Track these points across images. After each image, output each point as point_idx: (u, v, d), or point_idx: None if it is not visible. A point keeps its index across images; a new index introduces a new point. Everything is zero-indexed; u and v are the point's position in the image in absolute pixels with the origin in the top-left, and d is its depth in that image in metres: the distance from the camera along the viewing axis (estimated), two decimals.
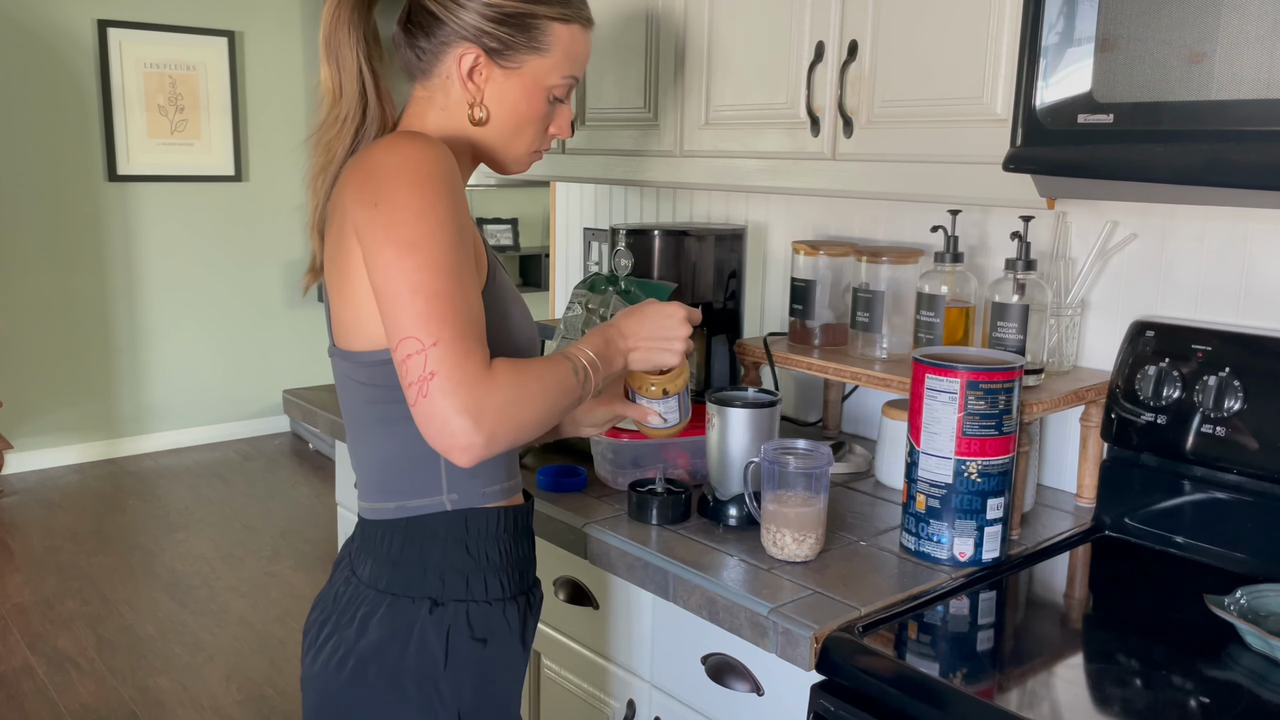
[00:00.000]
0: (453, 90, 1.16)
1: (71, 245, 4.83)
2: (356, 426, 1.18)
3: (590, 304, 1.80)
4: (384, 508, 1.17)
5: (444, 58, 1.15)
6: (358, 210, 1.05)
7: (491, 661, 1.16)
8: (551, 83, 1.18)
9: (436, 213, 1.02)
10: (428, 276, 1.00)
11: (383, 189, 1.03)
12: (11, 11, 4.55)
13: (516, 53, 1.15)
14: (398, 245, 1.01)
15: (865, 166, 1.51)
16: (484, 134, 1.18)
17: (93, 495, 4.54)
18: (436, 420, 0.99)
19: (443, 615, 1.13)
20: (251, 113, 5.23)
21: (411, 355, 0.99)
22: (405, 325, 1.00)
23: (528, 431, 1.05)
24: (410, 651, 1.12)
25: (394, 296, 1.01)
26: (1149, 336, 1.44)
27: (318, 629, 1.20)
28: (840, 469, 1.71)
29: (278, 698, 2.90)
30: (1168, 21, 1.07)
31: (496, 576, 1.17)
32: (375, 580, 1.16)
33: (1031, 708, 1.04)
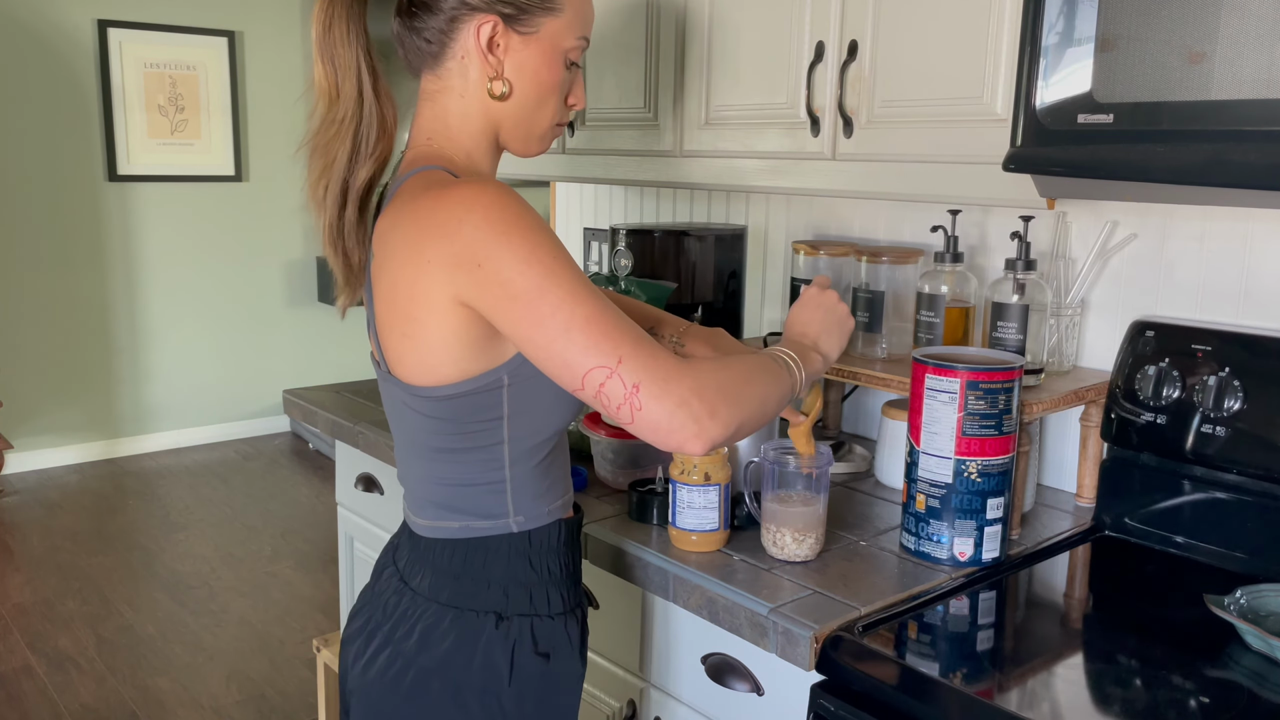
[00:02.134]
0: (470, 71, 1.10)
1: (71, 245, 4.83)
2: (413, 449, 1.15)
3: None
4: (447, 526, 1.15)
5: (458, 34, 1.09)
6: (458, 275, 1.00)
7: (553, 676, 1.15)
8: (568, 44, 1.13)
9: (541, 252, 0.99)
10: (569, 310, 0.99)
11: (479, 249, 0.99)
12: (11, 11, 4.55)
13: (532, 15, 1.10)
14: (527, 297, 0.98)
15: (865, 166, 1.51)
16: (507, 111, 1.12)
17: (93, 495, 4.54)
18: (661, 426, 0.99)
19: (508, 630, 1.12)
20: (251, 113, 5.23)
21: (605, 383, 0.98)
22: (581, 362, 0.98)
23: (749, 409, 1.04)
24: (475, 665, 1.11)
25: (549, 345, 0.99)
26: (1149, 336, 1.44)
27: (365, 639, 1.18)
28: (840, 469, 1.71)
29: (278, 698, 2.90)
30: (1168, 21, 1.07)
31: (557, 590, 1.16)
32: (436, 593, 1.14)
33: (1031, 708, 1.04)
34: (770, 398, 1.08)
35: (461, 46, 1.10)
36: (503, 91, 1.11)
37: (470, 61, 1.10)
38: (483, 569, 1.13)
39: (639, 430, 1.00)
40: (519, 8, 1.09)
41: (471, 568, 1.13)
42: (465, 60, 1.10)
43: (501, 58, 1.10)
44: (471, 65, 1.10)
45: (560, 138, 2.02)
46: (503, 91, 1.11)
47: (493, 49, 1.10)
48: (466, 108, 1.12)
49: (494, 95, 1.10)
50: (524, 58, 1.11)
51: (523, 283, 0.98)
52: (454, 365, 1.05)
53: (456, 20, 1.09)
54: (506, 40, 1.10)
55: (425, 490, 1.16)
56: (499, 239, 0.99)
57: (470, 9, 1.08)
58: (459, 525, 1.14)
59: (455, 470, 1.12)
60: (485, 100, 1.11)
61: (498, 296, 0.99)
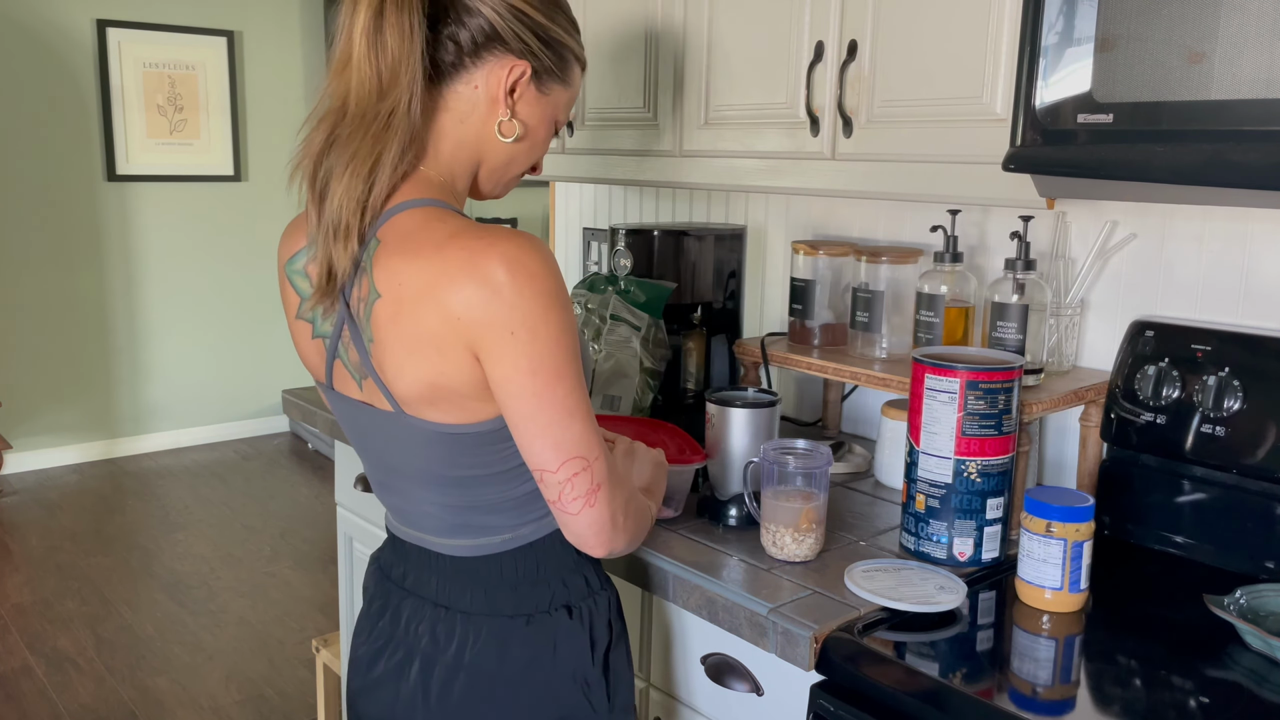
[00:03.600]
0: (479, 101, 1.09)
1: (71, 245, 4.83)
2: (424, 480, 1.13)
3: (590, 304, 1.80)
4: (489, 542, 1.15)
5: (482, 63, 1.07)
6: (487, 334, 0.98)
7: (620, 643, 1.22)
8: (560, 115, 1.18)
9: (570, 333, 1.02)
10: (577, 399, 1.04)
11: (516, 314, 0.98)
12: (11, 11, 4.55)
13: (551, 80, 1.13)
14: (546, 375, 1.01)
15: (865, 166, 1.51)
16: (496, 152, 1.13)
17: (92, 495, 4.54)
18: (597, 525, 1.07)
19: (581, 617, 1.17)
20: (251, 113, 5.23)
21: (579, 473, 1.04)
22: (568, 447, 1.03)
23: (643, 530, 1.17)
24: (561, 660, 1.15)
25: (549, 423, 1.02)
26: (1148, 336, 1.44)
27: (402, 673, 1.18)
28: (840, 469, 1.71)
29: (277, 698, 2.90)
30: (1167, 21, 1.07)
31: (593, 566, 1.22)
32: (499, 608, 1.15)
33: (1031, 708, 1.04)
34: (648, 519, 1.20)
35: (481, 76, 1.08)
36: (514, 134, 1.11)
37: (483, 94, 1.09)
38: (536, 571, 1.16)
39: (576, 523, 1.07)
40: (548, 69, 1.12)
41: (527, 574, 1.16)
42: (478, 90, 1.08)
43: (516, 102, 1.10)
44: (483, 98, 1.09)
45: (560, 137, 2.02)
46: (514, 134, 1.11)
47: (513, 93, 1.10)
48: (463, 134, 1.10)
49: (502, 134, 1.10)
50: (531, 111, 1.13)
51: (549, 360, 1.00)
52: (479, 404, 1.05)
53: (487, 49, 1.07)
54: (526, 91, 1.11)
55: (448, 516, 1.15)
56: (539, 312, 0.99)
57: (508, 48, 1.08)
58: (501, 539, 1.15)
59: (480, 494, 1.12)
60: (480, 133, 1.11)
61: (519, 367, 1.00)
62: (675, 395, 1.83)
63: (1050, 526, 1.22)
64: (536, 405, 1.01)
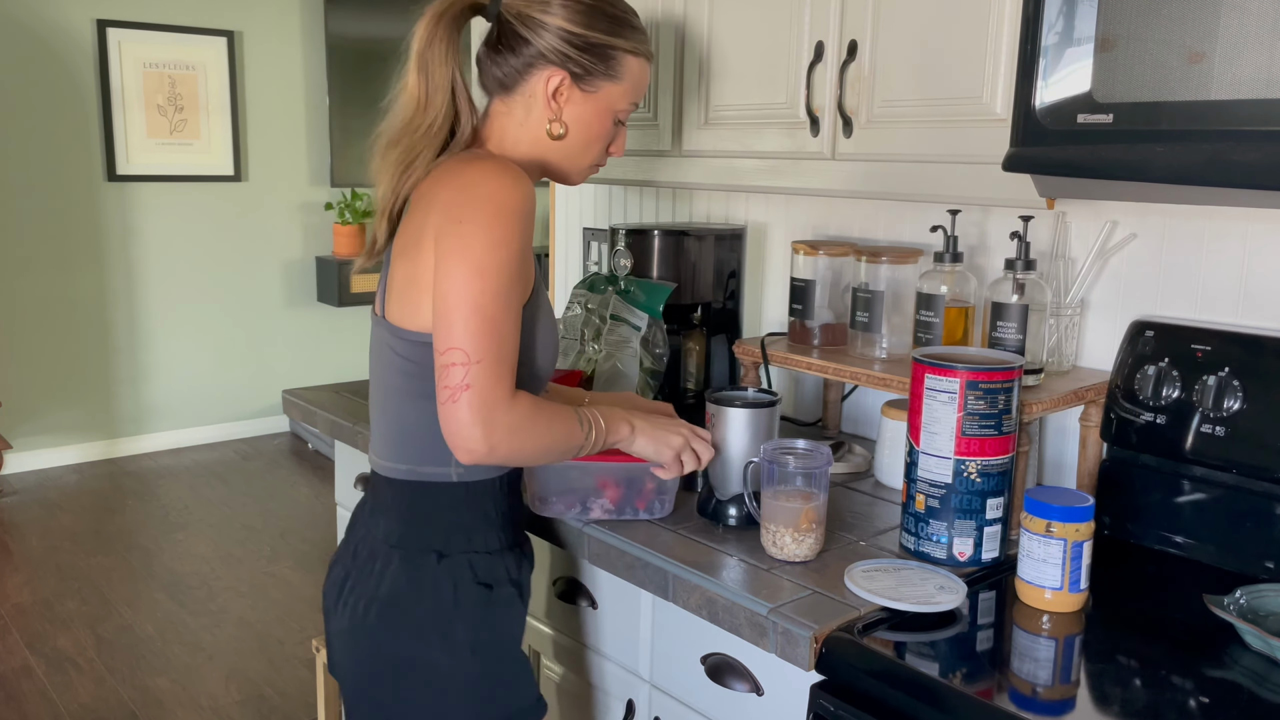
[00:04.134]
0: (534, 107, 1.28)
1: (71, 245, 4.83)
2: (384, 390, 1.31)
3: (590, 304, 1.81)
4: (398, 468, 1.30)
5: (530, 77, 1.27)
6: (443, 220, 1.18)
7: (495, 603, 1.30)
8: (620, 107, 1.33)
9: (510, 246, 1.17)
10: (488, 301, 1.15)
11: (469, 209, 1.16)
12: (11, 11, 4.55)
13: (595, 79, 1.29)
14: (470, 266, 1.15)
15: (865, 166, 1.51)
16: (556, 148, 1.31)
17: (92, 495, 4.54)
18: (456, 424, 1.16)
19: (449, 565, 1.27)
20: (251, 113, 5.23)
21: (455, 365, 1.15)
22: (457, 337, 1.15)
23: (525, 458, 1.24)
24: (425, 597, 1.27)
25: (454, 309, 1.15)
26: (1148, 336, 1.44)
27: (339, 587, 1.34)
28: (840, 469, 1.71)
29: (277, 698, 2.90)
30: (1167, 21, 1.07)
31: (494, 530, 1.31)
32: (389, 536, 1.30)
33: (1031, 708, 1.04)
34: (553, 454, 1.27)
35: (531, 88, 1.28)
36: (560, 133, 1.29)
37: (535, 102, 1.28)
38: (426, 514, 1.29)
39: (441, 415, 1.17)
40: (586, 70, 1.28)
41: (418, 513, 1.29)
42: (531, 99, 1.28)
43: (562, 105, 1.29)
44: (535, 105, 1.29)
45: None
46: (560, 133, 1.29)
47: (556, 98, 1.28)
48: (520, 135, 1.30)
49: (551, 135, 1.29)
50: (581, 110, 1.30)
51: (478, 256, 1.15)
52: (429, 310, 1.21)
53: (532, 66, 1.27)
54: (570, 93, 1.28)
55: (386, 431, 1.31)
56: (489, 214, 1.16)
57: (546, 61, 1.26)
58: (407, 469, 1.29)
59: (413, 414, 1.26)
60: (538, 134, 1.30)
61: (451, 249, 1.16)
62: (675, 395, 1.83)
63: (1050, 526, 1.22)
64: (448, 289, 1.16)
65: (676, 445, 1.37)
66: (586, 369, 1.76)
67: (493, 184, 1.18)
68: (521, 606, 1.34)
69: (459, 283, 1.15)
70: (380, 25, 5.43)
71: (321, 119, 5.40)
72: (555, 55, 1.26)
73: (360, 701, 1.33)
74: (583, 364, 1.77)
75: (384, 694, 1.30)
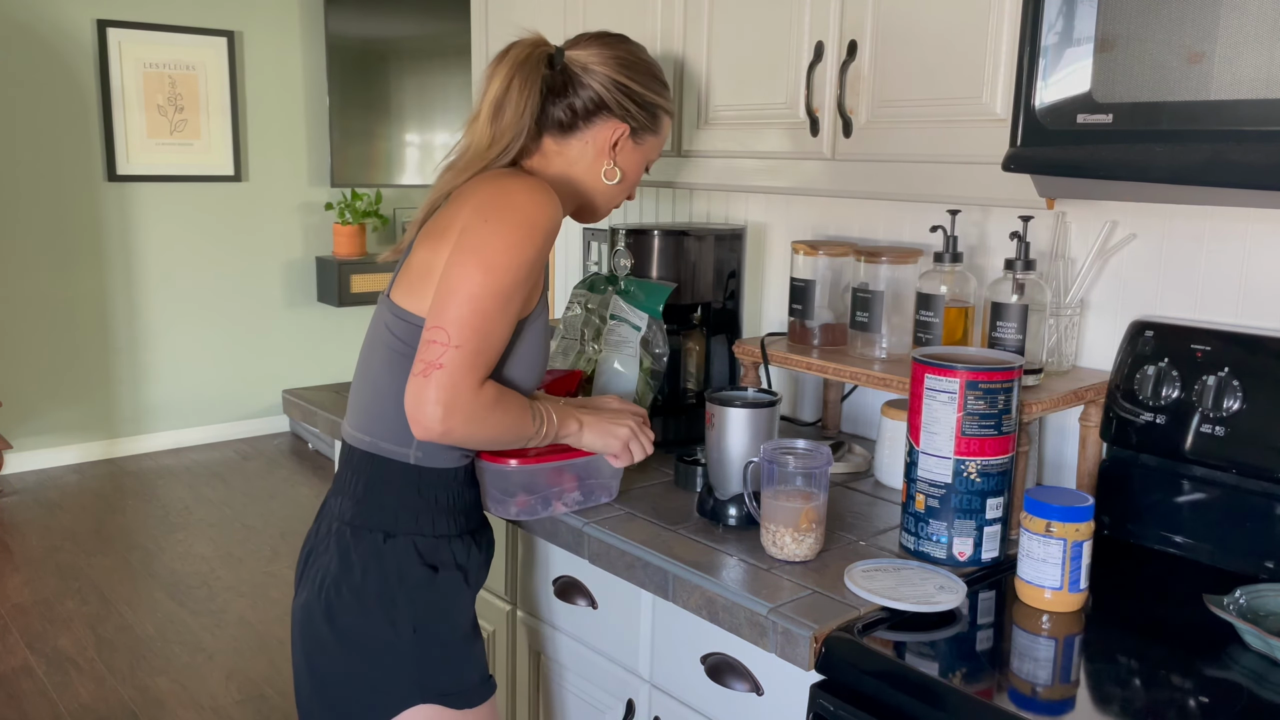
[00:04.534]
0: (588, 153, 1.40)
1: (71, 245, 4.83)
2: (368, 364, 1.37)
3: (590, 304, 1.81)
4: (362, 439, 1.37)
5: (592, 125, 1.39)
6: (471, 217, 1.26)
7: (439, 585, 1.34)
8: (652, 157, 1.48)
9: (524, 253, 1.25)
10: (485, 295, 1.22)
11: (497, 212, 1.25)
12: (11, 11, 4.55)
13: (644, 133, 1.43)
14: (480, 260, 1.23)
15: (864, 166, 1.51)
16: (600, 190, 1.43)
17: (92, 495, 4.54)
18: (419, 399, 1.21)
19: (395, 545, 1.33)
20: (251, 113, 5.23)
21: (435, 342, 1.22)
22: (446, 319, 1.22)
23: (475, 443, 1.29)
24: (371, 574, 1.32)
25: (452, 293, 1.23)
26: (1148, 336, 1.44)
27: (303, 564, 1.41)
28: (840, 469, 1.71)
29: (277, 698, 2.90)
30: (1167, 21, 1.07)
31: (444, 516, 1.36)
32: (343, 514, 1.36)
33: (1031, 708, 1.04)
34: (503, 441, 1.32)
35: (592, 134, 1.40)
36: (615, 180, 1.42)
37: (590, 148, 1.40)
38: (379, 494, 1.34)
39: (408, 386, 1.23)
40: (642, 125, 1.42)
41: (372, 493, 1.34)
42: (587, 145, 1.40)
43: (616, 155, 1.42)
44: (590, 150, 1.40)
45: None
46: (615, 180, 1.42)
47: (615, 147, 1.41)
48: (568, 172, 1.41)
49: (606, 179, 1.42)
50: (629, 159, 1.44)
51: (491, 254, 1.23)
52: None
53: (595, 115, 1.39)
54: (626, 144, 1.42)
55: (360, 401, 1.37)
56: (513, 222, 1.25)
57: (610, 113, 1.39)
58: (369, 440, 1.35)
59: (389, 389, 1.32)
60: (585, 174, 1.41)
61: (467, 242, 1.24)
62: (675, 395, 1.83)
63: (1050, 526, 1.22)
64: (453, 275, 1.23)
65: (624, 436, 1.43)
66: (586, 369, 1.76)
67: (526, 196, 1.27)
68: (468, 591, 1.38)
69: (464, 271, 1.23)
70: (380, 25, 5.43)
71: (321, 119, 5.40)
72: (619, 109, 1.39)
73: (307, 674, 1.38)
74: (583, 364, 1.77)
75: (330, 667, 1.35)
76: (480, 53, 2.25)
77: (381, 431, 1.34)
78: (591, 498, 1.50)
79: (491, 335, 1.24)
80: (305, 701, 1.39)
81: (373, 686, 1.33)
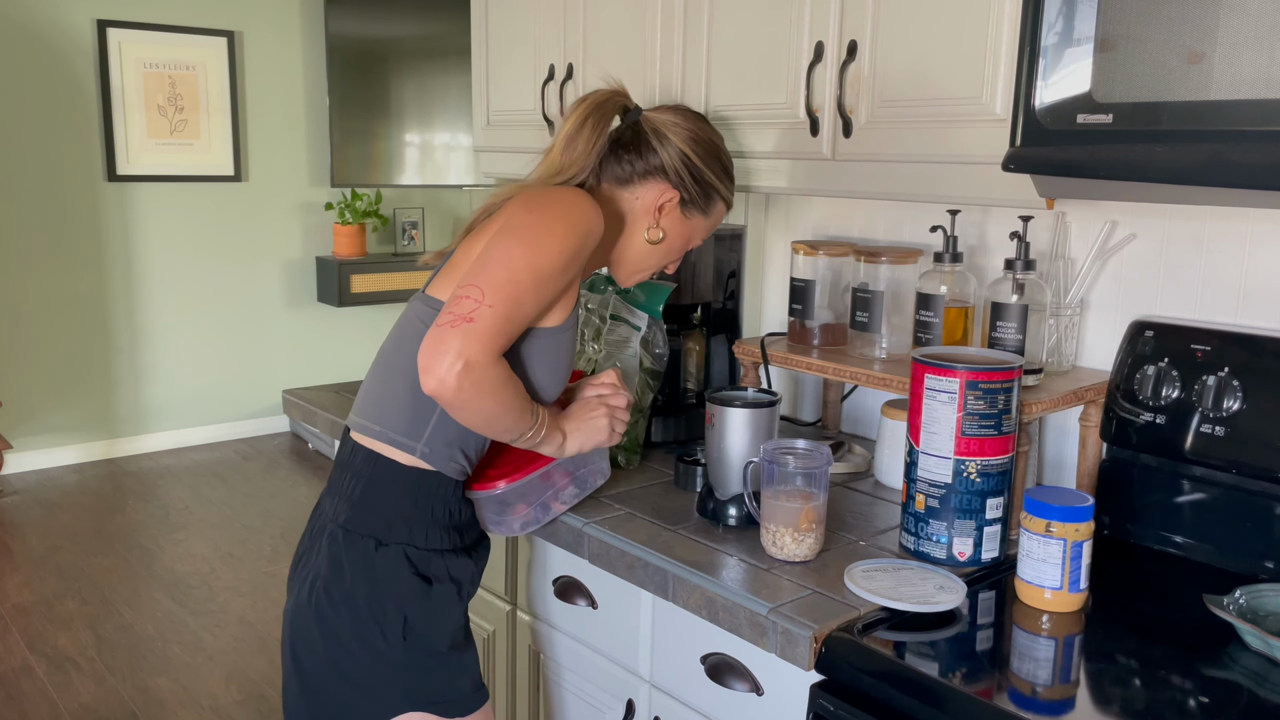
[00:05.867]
0: (635, 209, 1.42)
1: (71, 245, 4.83)
2: (389, 357, 1.36)
3: (590, 304, 1.81)
4: (371, 428, 1.35)
5: (648, 183, 1.41)
6: (514, 209, 1.28)
7: (431, 596, 1.34)
8: (695, 239, 1.48)
9: (565, 241, 1.26)
10: (522, 268, 1.22)
11: (542, 205, 1.28)
12: (11, 11, 4.55)
13: (694, 208, 1.44)
14: (518, 238, 1.24)
15: (864, 166, 1.51)
16: (637, 247, 1.44)
17: (92, 495, 4.54)
18: (441, 345, 1.18)
19: (387, 553, 1.32)
20: (251, 113, 5.23)
21: (468, 298, 1.20)
22: (481, 279, 1.21)
23: (472, 413, 1.24)
24: (360, 580, 1.31)
25: (489, 262, 1.23)
26: (1148, 336, 1.44)
27: (296, 564, 1.41)
28: (840, 469, 1.71)
29: (278, 698, 2.90)
30: (1167, 21, 1.07)
31: (438, 531, 1.35)
32: (336, 516, 1.35)
33: (1031, 707, 1.04)
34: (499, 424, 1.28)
35: (643, 190, 1.42)
36: (657, 240, 1.43)
37: (638, 205, 1.42)
38: (375, 498, 1.33)
39: (429, 334, 1.20)
40: (693, 200, 1.43)
41: (367, 498, 1.33)
42: (636, 201, 1.42)
43: (660, 217, 1.42)
44: (637, 207, 1.42)
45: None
46: (657, 240, 1.43)
47: (661, 211, 1.42)
48: (614, 222, 1.42)
49: (649, 240, 1.43)
50: (672, 227, 1.44)
51: (534, 236, 1.25)
52: None
53: (651, 175, 1.41)
54: (673, 212, 1.43)
55: (375, 391, 1.37)
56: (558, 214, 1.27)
57: (664, 176, 1.41)
58: (379, 429, 1.34)
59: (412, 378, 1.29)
60: (628, 230, 1.43)
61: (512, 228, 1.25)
62: (675, 395, 1.83)
63: (1050, 526, 1.22)
64: (492, 247, 1.24)
65: (604, 426, 1.42)
66: (586, 369, 1.76)
67: (569, 198, 1.30)
68: (459, 603, 1.38)
69: (505, 246, 1.24)
70: (380, 25, 5.43)
71: (321, 119, 5.40)
72: (674, 176, 1.40)
73: (295, 676, 1.37)
74: (583, 364, 1.77)
75: (318, 670, 1.34)
76: (480, 53, 2.25)
77: (392, 423, 1.33)
78: (587, 485, 1.49)
79: (521, 307, 1.23)
80: (293, 704, 1.38)
81: (361, 693, 1.32)
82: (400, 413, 1.32)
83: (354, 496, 1.34)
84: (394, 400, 1.33)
